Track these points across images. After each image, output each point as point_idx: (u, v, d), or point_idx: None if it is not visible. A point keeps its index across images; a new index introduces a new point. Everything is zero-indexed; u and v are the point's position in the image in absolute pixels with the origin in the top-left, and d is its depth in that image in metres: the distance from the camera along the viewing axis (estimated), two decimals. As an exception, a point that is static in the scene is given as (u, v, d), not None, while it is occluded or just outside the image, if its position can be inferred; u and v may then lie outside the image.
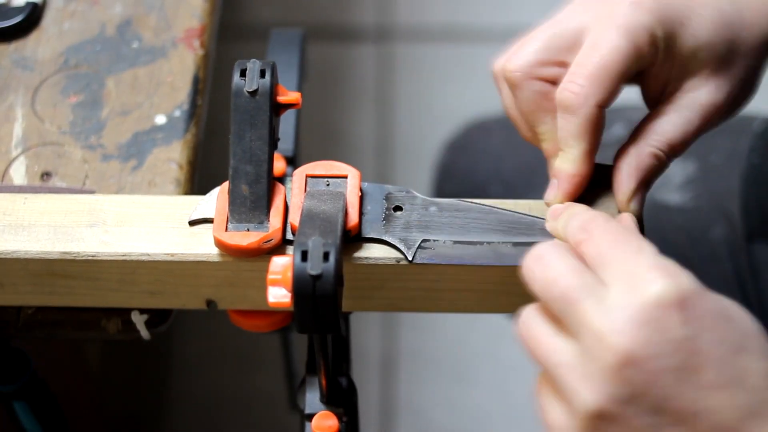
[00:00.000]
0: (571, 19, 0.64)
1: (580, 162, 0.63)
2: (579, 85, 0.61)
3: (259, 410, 1.48)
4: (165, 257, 0.64)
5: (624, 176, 0.63)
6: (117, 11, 0.82)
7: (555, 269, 0.54)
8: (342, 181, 0.65)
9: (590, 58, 0.61)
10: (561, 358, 0.53)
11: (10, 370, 0.73)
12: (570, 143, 0.62)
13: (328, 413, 0.66)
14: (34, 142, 0.75)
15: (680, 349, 0.50)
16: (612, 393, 0.51)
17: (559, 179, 0.63)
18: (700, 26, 0.63)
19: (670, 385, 0.50)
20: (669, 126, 0.64)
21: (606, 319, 0.51)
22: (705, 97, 0.64)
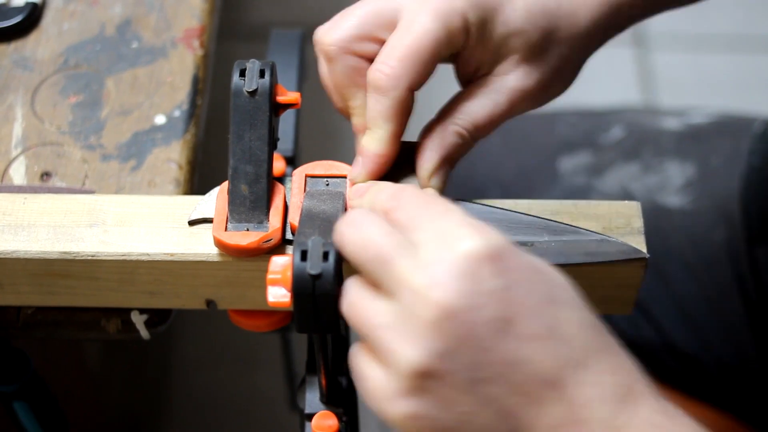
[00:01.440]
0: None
1: (386, 142, 0.63)
2: (390, 66, 0.61)
3: (259, 410, 1.48)
4: (164, 257, 0.64)
5: (427, 153, 0.64)
6: (117, 11, 0.82)
7: (367, 231, 0.54)
8: (341, 181, 0.66)
9: (402, 40, 0.62)
10: (380, 319, 0.53)
11: (10, 370, 0.73)
12: (378, 123, 0.63)
13: (328, 413, 0.66)
14: (33, 142, 0.75)
15: (495, 299, 0.51)
16: (433, 348, 0.51)
17: (365, 157, 0.64)
18: (513, 13, 0.64)
19: (490, 336, 0.51)
20: (476, 107, 0.64)
21: (422, 274, 0.51)
22: (513, 81, 0.64)
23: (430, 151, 0.64)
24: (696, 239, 0.92)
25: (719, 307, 0.90)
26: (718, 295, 0.90)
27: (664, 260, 0.91)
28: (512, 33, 0.64)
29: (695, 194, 0.93)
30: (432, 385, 0.51)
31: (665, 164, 0.96)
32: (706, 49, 1.88)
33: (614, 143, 0.97)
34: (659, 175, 0.95)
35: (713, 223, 0.91)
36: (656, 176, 0.95)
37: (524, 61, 0.64)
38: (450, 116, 0.64)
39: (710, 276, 0.91)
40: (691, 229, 0.92)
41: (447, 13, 0.62)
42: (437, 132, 0.64)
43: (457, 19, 0.62)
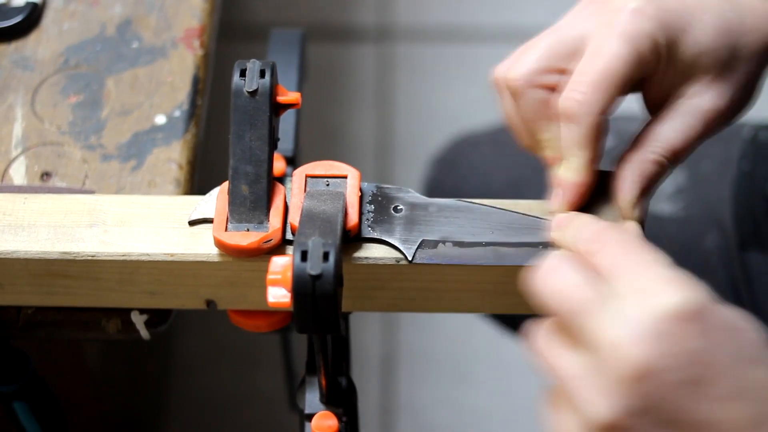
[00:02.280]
0: (573, 27, 0.63)
1: (583, 170, 0.63)
2: (581, 92, 0.61)
3: (259, 410, 1.48)
4: (165, 257, 0.64)
5: (627, 184, 0.63)
6: (117, 11, 0.82)
7: (569, 281, 0.53)
8: (342, 181, 0.65)
9: (592, 65, 0.61)
10: (575, 370, 0.52)
11: (10, 370, 0.73)
12: (573, 152, 0.62)
13: (328, 413, 0.66)
14: (33, 142, 0.75)
15: (694, 361, 0.50)
16: (626, 405, 0.50)
17: (563, 188, 0.63)
18: (701, 32, 0.63)
19: (683, 397, 0.50)
20: (671, 132, 0.63)
21: (621, 331, 0.51)
22: (707, 102, 0.64)
23: (630, 181, 0.63)
24: (688, 246, 0.91)
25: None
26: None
27: None
28: (702, 53, 0.63)
29: (686, 201, 0.93)
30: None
31: None
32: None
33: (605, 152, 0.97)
34: None
35: (705, 230, 0.91)
36: None
37: (715, 81, 0.64)
38: (646, 144, 0.63)
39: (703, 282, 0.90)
40: (682, 236, 0.92)
41: (636, 36, 0.61)
42: (635, 161, 0.63)
43: (646, 41, 0.61)
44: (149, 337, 0.70)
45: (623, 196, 0.63)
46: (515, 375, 1.52)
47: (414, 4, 1.85)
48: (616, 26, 0.61)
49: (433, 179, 1.07)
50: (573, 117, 0.61)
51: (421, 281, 0.65)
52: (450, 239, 0.64)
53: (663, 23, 0.62)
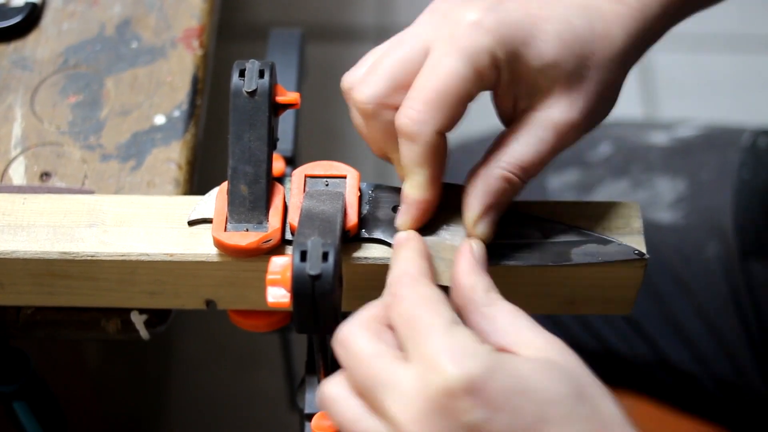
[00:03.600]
0: (416, 40, 0.61)
1: (425, 188, 0.61)
2: (416, 110, 0.59)
3: (259, 410, 1.48)
4: (164, 257, 0.64)
5: (471, 199, 0.61)
6: (116, 11, 0.82)
7: (364, 350, 0.54)
8: (341, 182, 0.65)
9: (428, 82, 0.59)
10: None
11: (10, 370, 0.73)
12: (414, 169, 0.61)
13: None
14: (33, 142, 0.75)
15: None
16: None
17: (407, 204, 0.62)
18: (545, 44, 0.60)
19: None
20: (521, 147, 0.61)
21: (401, 409, 0.51)
22: (558, 115, 0.61)
23: (474, 198, 0.61)
24: (689, 255, 0.91)
25: (714, 322, 0.90)
26: (713, 311, 0.90)
27: (656, 277, 0.91)
28: (547, 65, 0.60)
29: (686, 209, 0.93)
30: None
31: (654, 180, 0.95)
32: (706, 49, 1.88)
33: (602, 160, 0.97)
34: (649, 191, 0.94)
35: (706, 238, 0.91)
36: (646, 192, 0.94)
37: (565, 93, 0.61)
38: (495, 159, 0.61)
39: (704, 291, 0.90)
40: (683, 244, 0.91)
41: (473, 51, 0.59)
42: (482, 176, 0.61)
43: (484, 57, 0.59)
44: (149, 337, 0.70)
45: (467, 212, 0.62)
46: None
47: (414, 4, 1.85)
48: (454, 41, 0.59)
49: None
50: (409, 135, 0.59)
51: (421, 281, 0.65)
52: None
53: (503, 37, 0.59)
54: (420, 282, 0.56)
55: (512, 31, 0.60)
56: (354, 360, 0.54)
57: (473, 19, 0.59)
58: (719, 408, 0.91)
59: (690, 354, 0.90)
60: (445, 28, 0.60)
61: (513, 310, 0.56)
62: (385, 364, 0.53)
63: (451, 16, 0.61)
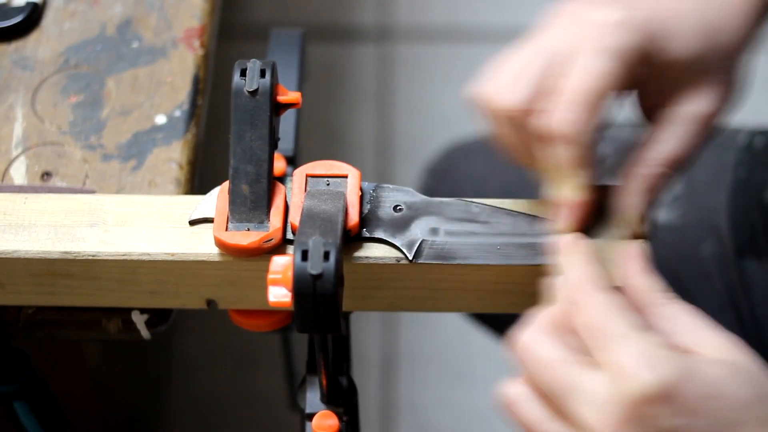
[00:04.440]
0: (556, 43, 0.62)
1: (580, 189, 0.62)
2: (573, 112, 0.60)
3: (259, 410, 1.48)
4: (165, 257, 0.64)
5: (633, 199, 0.63)
6: (117, 11, 0.82)
7: (548, 356, 0.54)
8: (342, 181, 0.65)
9: (581, 84, 0.60)
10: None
11: (10, 370, 0.73)
12: (571, 172, 0.61)
13: (329, 413, 0.66)
14: (34, 142, 0.75)
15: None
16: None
17: (565, 208, 0.63)
18: (686, 38, 0.62)
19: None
20: (672, 142, 0.63)
21: (594, 416, 0.51)
22: (702, 107, 0.63)
23: (636, 196, 0.63)
24: (685, 254, 0.91)
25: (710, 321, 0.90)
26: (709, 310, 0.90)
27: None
28: (689, 59, 0.62)
29: (682, 209, 0.93)
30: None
31: None
32: (706, 49, 1.88)
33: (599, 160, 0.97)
34: None
35: (702, 238, 0.91)
36: None
37: (705, 84, 0.63)
38: (644, 156, 0.63)
39: (700, 291, 0.90)
40: (679, 243, 0.91)
41: (623, 50, 0.60)
42: (638, 175, 0.63)
43: (633, 55, 0.60)
44: (150, 336, 0.70)
45: (630, 212, 0.63)
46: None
47: (414, 4, 1.85)
48: (602, 41, 0.60)
49: (427, 188, 1.07)
50: (566, 138, 0.60)
51: (422, 281, 0.65)
52: (450, 239, 0.64)
53: (647, 34, 0.61)
54: (592, 288, 0.56)
55: (654, 27, 0.61)
56: (539, 366, 0.54)
57: (611, 19, 0.61)
58: None
59: None
60: (585, 30, 0.61)
61: (690, 309, 0.56)
62: (573, 371, 0.53)
63: (585, 17, 0.62)
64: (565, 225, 0.63)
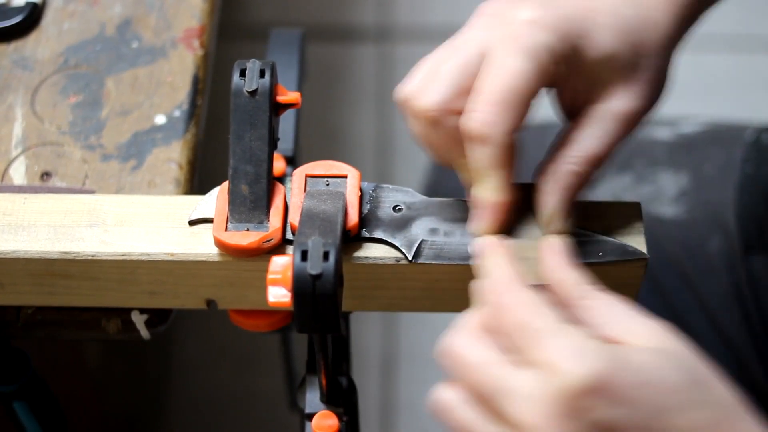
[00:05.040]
0: (472, 42, 0.61)
1: (499, 190, 0.61)
2: (485, 112, 0.59)
3: (259, 410, 1.48)
4: (165, 257, 0.64)
5: (545, 197, 0.62)
6: (117, 11, 0.82)
7: (478, 358, 0.54)
8: (342, 181, 0.65)
9: (493, 84, 0.59)
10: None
11: (10, 370, 0.73)
12: (486, 172, 0.60)
13: (329, 413, 0.66)
14: (33, 142, 0.75)
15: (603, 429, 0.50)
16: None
17: (482, 209, 0.62)
18: (602, 36, 0.61)
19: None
20: (587, 140, 0.62)
21: (528, 414, 0.51)
22: (620, 105, 0.62)
23: (547, 195, 0.62)
24: (691, 249, 0.91)
25: (717, 317, 0.90)
26: (716, 305, 0.90)
27: (660, 271, 0.91)
28: (605, 57, 0.61)
29: (689, 204, 0.93)
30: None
31: (658, 174, 0.95)
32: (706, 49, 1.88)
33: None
34: (652, 185, 0.94)
35: (708, 233, 0.91)
36: (649, 187, 0.94)
37: (623, 82, 0.62)
38: (563, 155, 0.62)
39: (707, 286, 0.90)
40: (686, 239, 0.91)
41: (535, 48, 0.59)
42: (552, 173, 0.62)
43: (546, 54, 0.59)
44: (149, 336, 0.70)
45: (542, 210, 0.62)
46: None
47: (414, 4, 1.85)
48: (514, 40, 0.59)
49: (433, 183, 1.07)
50: (478, 138, 0.59)
51: (421, 281, 0.65)
52: (450, 239, 0.64)
53: (562, 33, 0.60)
54: (518, 287, 0.56)
55: (569, 25, 0.61)
56: (467, 370, 0.54)
57: (530, 17, 0.60)
58: None
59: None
60: (501, 29, 0.61)
61: (610, 299, 0.56)
62: (501, 371, 0.53)
63: (504, 16, 0.61)
64: (482, 226, 0.62)
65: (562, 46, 0.60)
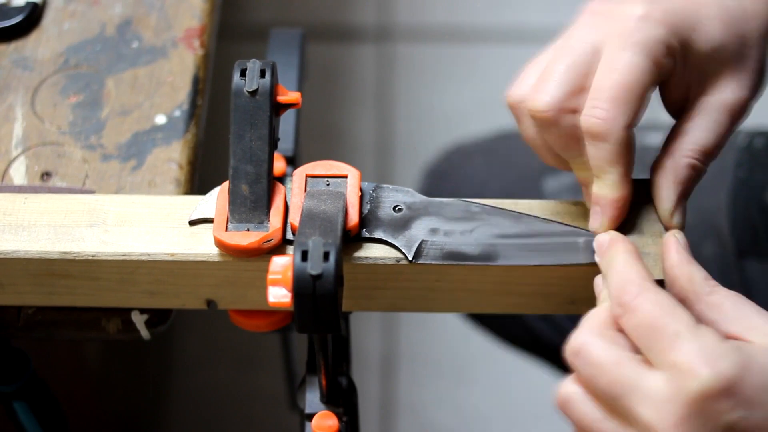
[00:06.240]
0: (583, 41, 0.62)
1: (619, 186, 0.62)
2: (604, 109, 0.60)
3: (259, 410, 1.48)
4: (165, 257, 0.64)
5: (664, 192, 0.63)
6: (117, 11, 0.82)
7: (603, 358, 0.54)
8: (342, 181, 0.65)
9: (610, 80, 0.60)
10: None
11: (10, 370, 0.73)
12: (606, 169, 0.62)
13: (328, 413, 0.66)
14: (34, 142, 0.75)
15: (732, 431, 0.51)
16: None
17: (602, 206, 0.63)
18: (710, 28, 0.63)
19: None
20: (701, 133, 0.63)
21: (654, 415, 0.51)
22: (730, 96, 0.64)
23: (666, 189, 0.63)
24: None
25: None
26: None
27: None
28: (715, 47, 0.63)
29: None
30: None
31: None
32: (706, 49, 1.88)
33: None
34: None
35: (702, 238, 0.91)
36: None
37: (732, 74, 0.63)
38: (677, 148, 0.63)
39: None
40: None
41: (650, 44, 0.60)
42: (669, 167, 0.63)
43: (660, 48, 0.61)
44: (149, 336, 0.70)
45: (661, 204, 0.63)
46: (515, 375, 1.51)
47: (414, 4, 1.85)
48: (628, 36, 0.61)
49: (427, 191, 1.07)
50: (599, 135, 0.60)
51: (421, 281, 0.65)
52: (450, 239, 0.64)
53: (673, 26, 0.62)
54: (648, 287, 0.56)
55: (679, 19, 0.62)
56: (594, 368, 0.54)
57: (641, 13, 0.61)
58: None
59: None
60: (613, 26, 0.62)
61: (735, 296, 0.56)
62: (630, 371, 0.53)
63: (614, 13, 0.62)
64: (602, 223, 0.63)
65: (673, 39, 0.61)
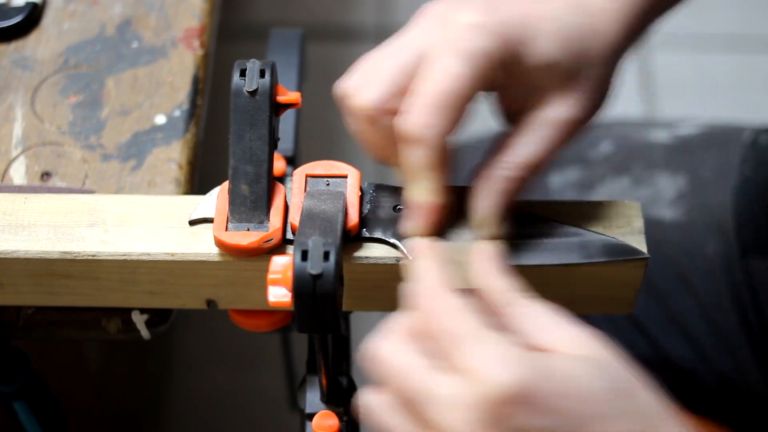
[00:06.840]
0: (413, 44, 0.61)
1: (432, 191, 0.60)
2: (420, 114, 0.59)
3: (259, 410, 1.48)
4: (165, 257, 0.64)
5: (478, 201, 0.62)
6: (117, 11, 0.82)
7: (404, 363, 0.54)
8: (342, 181, 0.65)
9: (429, 86, 0.59)
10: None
11: (10, 370, 0.73)
12: (420, 174, 0.60)
13: (329, 413, 0.66)
14: (33, 142, 0.75)
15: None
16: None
17: (415, 210, 0.61)
18: (543, 43, 0.61)
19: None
20: (524, 147, 0.62)
21: (450, 420, 0.51)
22: (559, 113, 0.62)
23: (481, 199, 0.62)
24: (690, 252, 0.91)
25: (715, 319, 0.89)
26: (714, 308, 0.90)
27: (658, 274, 0.91)
28: (545, 64, 0.61)
29: (687, 206, 0.92)
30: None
31: (656, 177, 0.95)
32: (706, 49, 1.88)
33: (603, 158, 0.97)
34: (650, 188, 0.94)
35: (707, 235, 0.91)
36: (647, 189, 0.94)
37: (563, 90, 0.62)
38: (497, 159, 0.62)
39: (705, 288, 0.90)
40: (684, 241, 0.91)
41: (473, 53, 0.59)
42: (486, 178, 0.62)
43: (483, 58, 0.59)
44: (150, 336, 0.70)
45: (475, 214, 0.62)
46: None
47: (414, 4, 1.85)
48: (454, 43, 0.59)
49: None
50: (412, 139, 0.59)
51: (422, 281, 0.65)
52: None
53: (502, 38, 0.59)
54: (443, 293, 0.55)
55: (510, 31, 0.60)
56: (392, 375, 0.54)
57: (471, 21, 0.59)
58: (720, 405, 0.91)
59: (691, 351, 0.90)
60: (442, 32, 0.60)
61: (537, 307, 0.56)
62: (425, 376, 0.53)
63: (446, 19, 0.61)
64: (414, 227, 0.62)
65: (501, 51, 0.59)
